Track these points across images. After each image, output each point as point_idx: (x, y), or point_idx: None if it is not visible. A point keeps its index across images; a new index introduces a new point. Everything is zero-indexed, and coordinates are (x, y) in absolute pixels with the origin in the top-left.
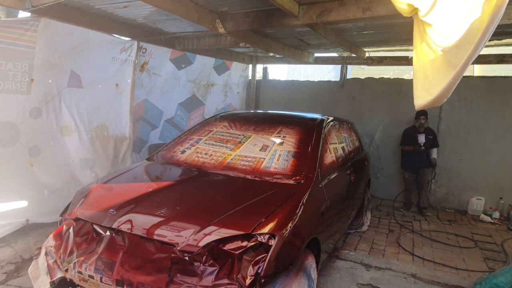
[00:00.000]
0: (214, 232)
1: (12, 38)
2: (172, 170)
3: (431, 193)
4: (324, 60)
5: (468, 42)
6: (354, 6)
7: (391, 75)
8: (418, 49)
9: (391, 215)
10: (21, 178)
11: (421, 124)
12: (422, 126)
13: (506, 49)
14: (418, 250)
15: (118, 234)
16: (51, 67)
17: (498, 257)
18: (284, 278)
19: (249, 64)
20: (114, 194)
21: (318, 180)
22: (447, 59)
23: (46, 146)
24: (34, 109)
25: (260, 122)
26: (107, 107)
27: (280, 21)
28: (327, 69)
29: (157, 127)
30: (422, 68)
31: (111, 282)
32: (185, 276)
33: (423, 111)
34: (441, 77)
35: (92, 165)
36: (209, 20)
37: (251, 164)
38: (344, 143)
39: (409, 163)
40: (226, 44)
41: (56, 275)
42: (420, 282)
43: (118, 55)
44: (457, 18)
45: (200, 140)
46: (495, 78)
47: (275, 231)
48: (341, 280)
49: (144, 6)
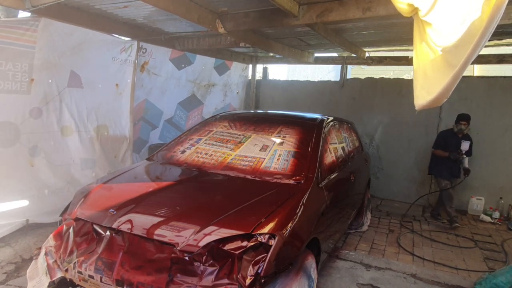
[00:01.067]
0: (214, 232)
1: (12, 38)
2: (172, 170)
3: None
4: (324, 60)
5: (467, 42)
6: (354, 6)
7: (391, 75)
8: (418, 49)
9: (422, 221)
10: (21, 178)
11: (460, 129)
12: (461, 131)
13: (506, 49)
14: (418, 250)
15: (118, 234)
16: (51, 67)
17: (498, 257)
18: (284, 278)
19: (249, 64)
20: (114, 194)
21: (318, 180)
22: (447, 59)
23: (47, 146)
24: (34, 109)
25: (260, 122)
26: (107, 107)
27: (280, 21)
28: (327, 69)
29: (157, 127)
30: (422, 68)
31: (111, 282)
32: (185, 276)
33: (465, 115)
34: (440, 77)
35: (92, 165)
36: (209, 20)
37: (251, 164)
38: (344, 143)
39: (445, 170)
40: (226, 44)
41: (56, 275)
42: (420, 282)
43: (118, 55)
44: (457, 18)
45: (200, 140)
46: (495, 78)
47: (275, 231)
48: (341, 280)
49: (144, 6)
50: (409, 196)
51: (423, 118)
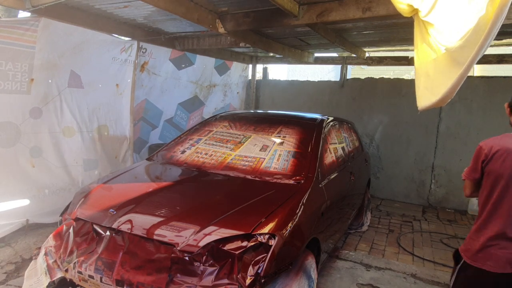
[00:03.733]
0: (214, 232)
1: (12, 38)
2: (172, 170)
3: (431, 193)
4: (324, 60)
5: (472, 42)
6: (354, 6)
7: (391, 75)
8: (419, 49)
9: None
10: (22, 178)
11: None
12: None
13: (506, 49)
14: (418, 250)
15: (118, 234)
16: (51, 67)
17: None
18: (284, 278)
19: (249, 64)
20: (114, 194)
21: (318, 180)
22: (452, 58)
23: (47, 146)
24: (34, 109)
25: (260, 122)
26: (108, 107)
27: (280, 21)
28: (327, 69)
29: (157, 127)
30: (424, 69)
31: (111, 282)
32: (185, 276)
33: None
34: (445, 77)
35: (95, 166)
36: (209, 20)
37: (251, 164)
38: (344, 143)
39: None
40: (226, 44)
41: (56, 275)
42: (420, 282)
43: (118, 55)
44: (459, 19)
45: (200, 140)
46: (495, 78)
47: (275, 231)
48: (341, 280)
49: (144, 6)
50: (409, 196)
51: (423, 118)
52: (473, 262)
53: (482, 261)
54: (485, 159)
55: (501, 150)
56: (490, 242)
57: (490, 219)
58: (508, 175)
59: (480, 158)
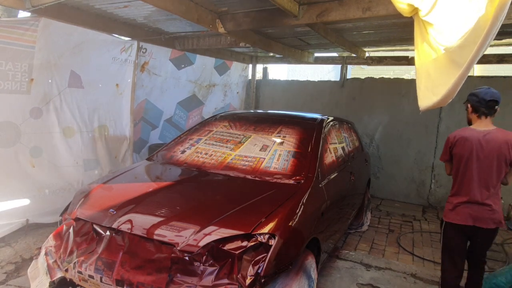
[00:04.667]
0: (214, 232)
1: (12, 38)
2: (172, 170)
3: (431, 193)
4: (324, 60)
5: (472, 42)
6: (354, 6)
7: (391, 75)
8: (420, 49)
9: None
10: (22, 178)
11: None
12: None
13: (506, 49)
14: (418, 250)
15: (118, 234)
16: (51, 67)
17: (498, 257)
18: (284, 278)
19: (249, 64)
20: (114, 194)
21: (318, 180)
22: (452, 58)
23: (48, 146)
24: (34, 109)
25: (260, 122)
26: (108, 107)
27: (280, 21)
28: (327, 69)
29: (157, 127)
30: (425, 69)
31: (111, 282)
32: (185, 276)
33: None
34: (445, 77)
35: (95, 166)
36: (209, 20)
37: (251, 164)
38: (344, 143)
39: None
40: (226, 44)
41: (56, 275)
42: (420, 282)
43: (118, 55)
44: (459, 18)
45: (200, 140)
46: (495, 78)
47: (275, 231)
48: (341, 280)
49: (144, 6)
50: (409, 196)
51: (423, 118)
52: (448, 219)
53: (454, 216)
54: (451, 145)
55: (461, 138)
56: (459, 204)
57: (459, 188)
58: (467, 156)
59: (448, 145)
